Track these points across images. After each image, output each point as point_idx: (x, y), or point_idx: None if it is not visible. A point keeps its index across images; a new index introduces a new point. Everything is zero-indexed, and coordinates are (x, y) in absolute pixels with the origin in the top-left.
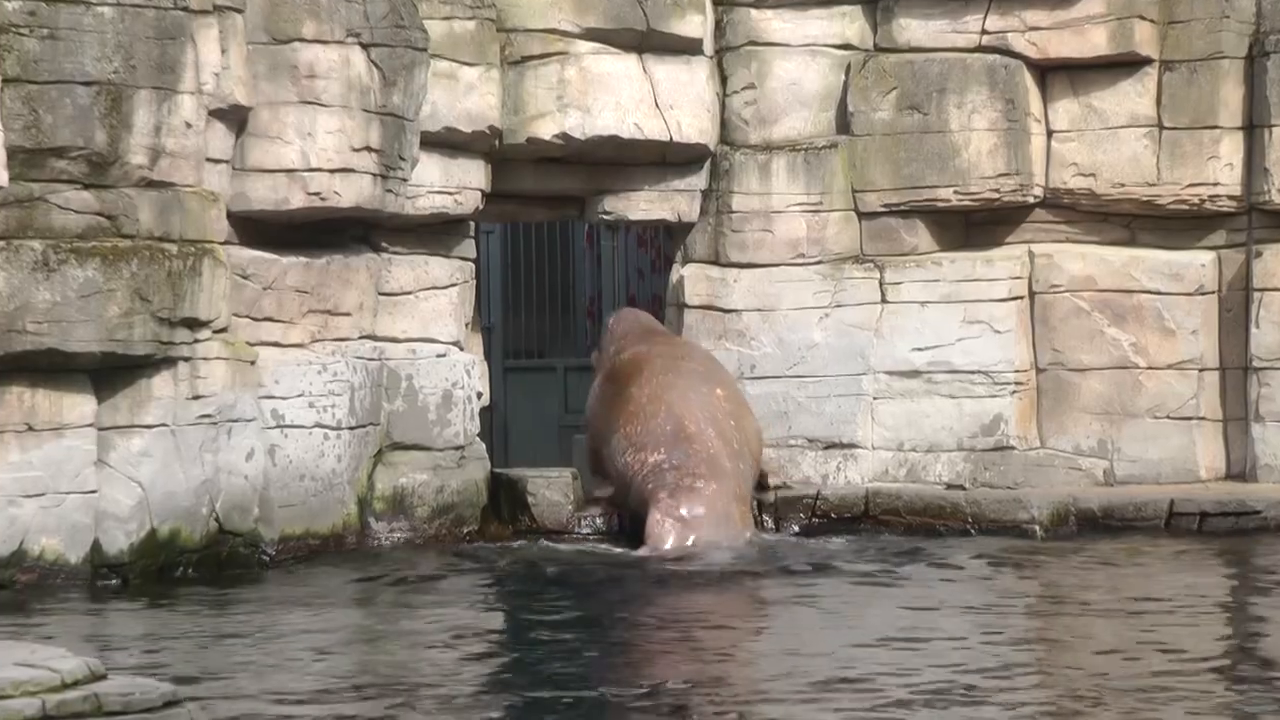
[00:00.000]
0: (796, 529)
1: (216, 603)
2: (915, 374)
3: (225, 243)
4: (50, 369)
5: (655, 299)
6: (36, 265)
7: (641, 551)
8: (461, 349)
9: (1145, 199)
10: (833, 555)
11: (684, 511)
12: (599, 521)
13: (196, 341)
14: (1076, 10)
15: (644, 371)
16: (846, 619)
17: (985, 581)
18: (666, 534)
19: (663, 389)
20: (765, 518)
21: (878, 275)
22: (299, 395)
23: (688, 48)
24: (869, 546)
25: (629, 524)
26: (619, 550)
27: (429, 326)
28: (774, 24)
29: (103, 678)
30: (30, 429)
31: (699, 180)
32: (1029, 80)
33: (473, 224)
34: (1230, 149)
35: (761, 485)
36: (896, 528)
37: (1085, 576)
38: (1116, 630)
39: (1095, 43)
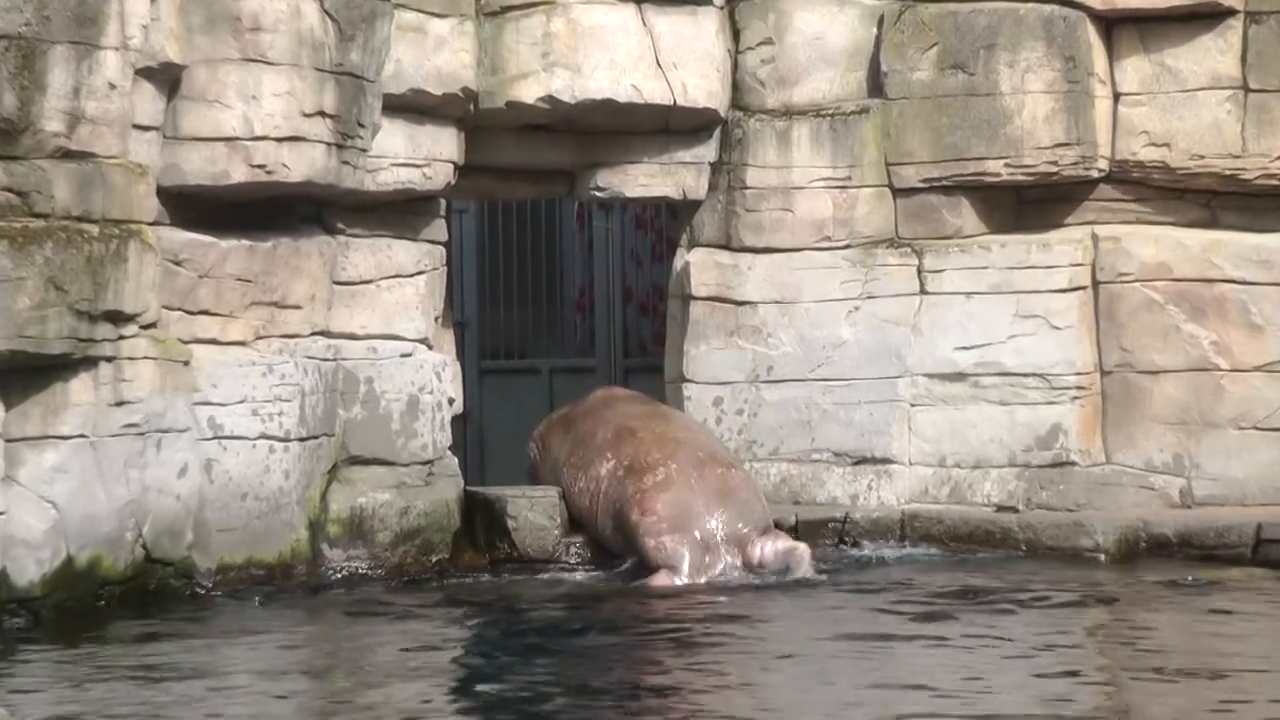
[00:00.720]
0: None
1: (142, 643)
2: (960, 377)
3: (155, 223)
4: None
5: (655, 289)
6: None
7: (658, 581)
8: (430, 347)
9: (1228, 173)
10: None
11: (665, 514)
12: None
13: (121, 339)
14: None
15: (594, 412)
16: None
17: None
18: (674, 555)
19: (604, 410)
20: None
21: (916, 262)
22: (240, 401)
23: None
24: (906, 577)
25: (622, 556)
26: (601, 574)
27: (392, 321)
28: None
29: None
30: None
31: (707, 151)
32: (1092, 34)
33: (444, 202)
34: None
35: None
36: (937, 555)
37: (1161, 623)
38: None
39: None
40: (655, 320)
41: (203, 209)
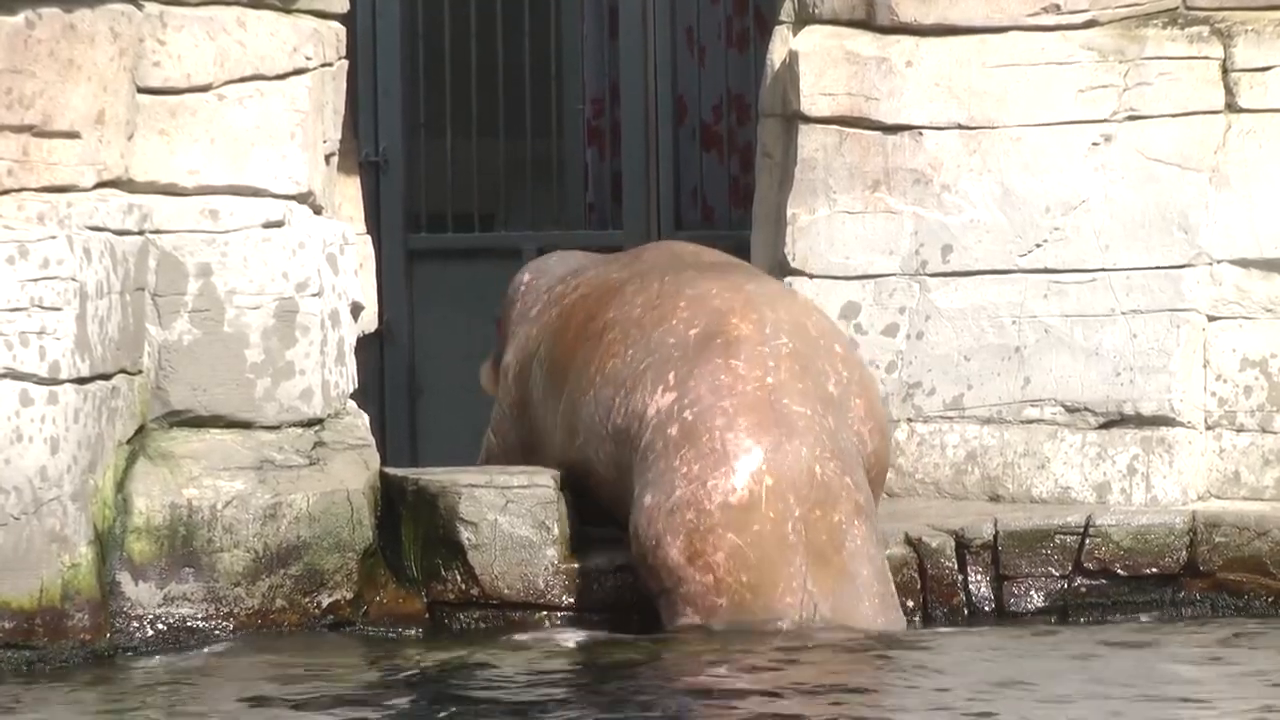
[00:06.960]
0: (1038, 599)
1: None
2: None
3: None
4: None
5: (733, 102)
6: None
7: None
8: (318, 211)
9: None
10: None
11: (729, 576)
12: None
13: None
14: None
15: (655, 279)
16: None
17: None
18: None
19: (676, 277)
20: (972, 573)
21: (1219, 52)
22: None
23: None
24: None
25: None
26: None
27: (246, 162)
28: None
29: None
30: None
31: None
32: None
33: None
34: None
35: None
36: (1260, 595)
37: None
38: None
39: None
40: (732, 160)
41: None
